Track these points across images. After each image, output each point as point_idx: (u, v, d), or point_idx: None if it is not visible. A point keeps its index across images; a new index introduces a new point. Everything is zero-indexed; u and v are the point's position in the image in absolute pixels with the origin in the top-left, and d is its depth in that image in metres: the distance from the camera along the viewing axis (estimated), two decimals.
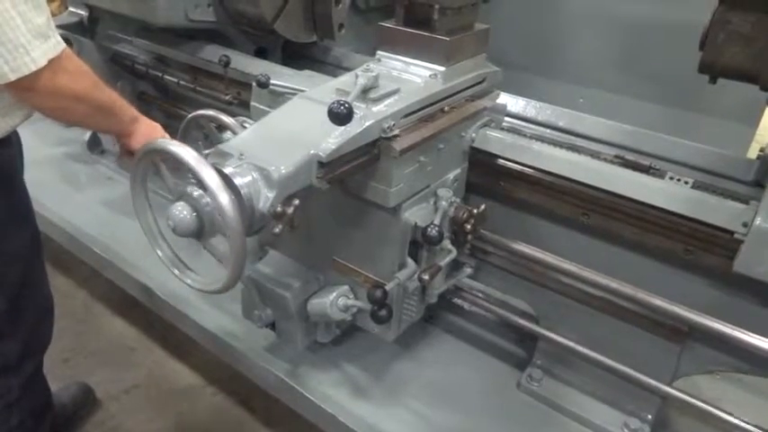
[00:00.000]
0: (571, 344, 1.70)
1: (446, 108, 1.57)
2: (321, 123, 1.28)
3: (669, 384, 1.60)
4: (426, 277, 1.50)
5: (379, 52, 1.66)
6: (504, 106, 1.81)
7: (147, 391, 2.40)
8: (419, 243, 1.55)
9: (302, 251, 1.74)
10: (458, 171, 1.66)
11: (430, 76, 1.56)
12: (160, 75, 2.38)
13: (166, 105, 2.59)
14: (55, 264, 2.86)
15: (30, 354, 1.82)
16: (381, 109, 1.40)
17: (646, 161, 1.60)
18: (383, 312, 1.49)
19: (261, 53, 2.39)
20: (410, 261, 1.56)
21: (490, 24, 1.71)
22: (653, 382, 1.59)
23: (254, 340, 1.90)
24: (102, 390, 2.36)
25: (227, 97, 2.12)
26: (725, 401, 1.68)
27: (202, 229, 1.21)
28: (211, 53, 2.20)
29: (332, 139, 1.28)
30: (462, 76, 1.63)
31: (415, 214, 1.51)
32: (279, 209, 1.22)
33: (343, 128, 1.28)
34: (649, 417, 1.68)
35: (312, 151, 1.26)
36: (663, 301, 1.48)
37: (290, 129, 1.37)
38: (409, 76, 1.57)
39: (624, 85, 2.84)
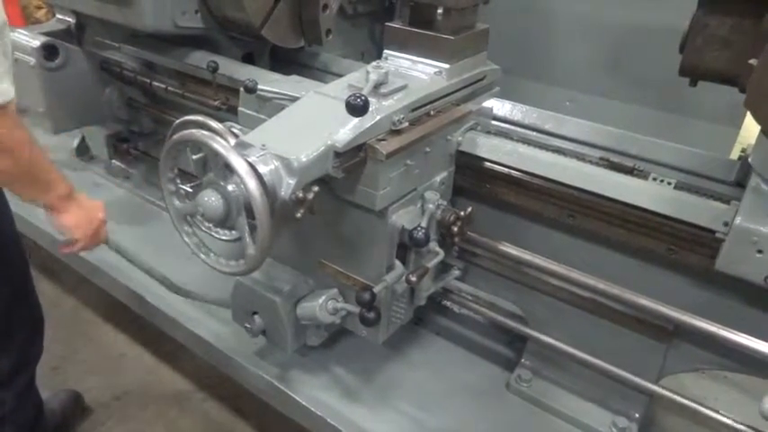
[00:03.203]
0: (559, 344, 1.72)
1: (432, 111, 1.59)
2: (336, 116, 1.37)
3: (656, 383, 1.62)
4: (414, 279, 1.51)
5: (386, 51, 1.73)
6: (491, 110, 1.84)
7: (138, 398, 2.39)
8: (407, 246, 1.56)
9: (291, 255, 1.75)
10: (445, 174, 1.68)
11: (435, 72, 1.64)
12: (148, 81, 2.38)
13: (155, 111, 2.59)
14: (43, 271, 2.85)
15: (22, 367, 1.83)
16: (391, 103, 1.48)
17: (630, 163, 1.62)
18: (371, 315, 1.50)
19: (249, 59, 2.39)
20: (398, 263, 1.58)
21: None
22: (640, 381, 1.61)
23: (243, 345, 1.90)
24: (91, 397, 2.35)
25: (216, 103, 2.13)
26: (710, 399, 1.71)
27: (228, 215, 1.30)
28: (199, 59, 2.20)
29: (347, 130, 1.36)
30: (465, 73, 1.70)
31: (403, 217, 1.53)
32: (300, 195, 1.28)
33: (357, 120, 1.36)
34: (637, 415, 1.70)
35: (329, 142, 1.33)
36: (648, 301, 1.50)
37: (307, 121, 1.44)
38: (416, 73, 1.65)
39: (611, 88, 2.87)
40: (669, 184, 1.54)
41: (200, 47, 2.28)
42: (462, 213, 1.59)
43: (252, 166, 1.24)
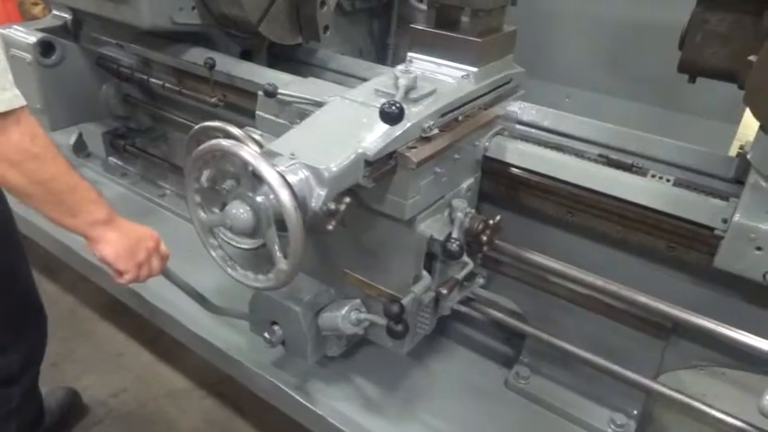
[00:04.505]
0: (558, 341, 1.71)
1: (460, 117, 1.55)
2: (364, 123, 1.34)
3: (654, 380, 1.62)
4: (445, 291, 1.48)
5: (410, 54, 1.67)
6: (516, 114, 1.80)
7: (135, 396, 2.39)
8: (433, 255, 1.52)
9: (312, 264, 1.69)
10: (471, 180, 1.64)
11: (463, 76, 1.58)
12: (145, 78, 2.37)
13: (152, 108, 2.59)
14: (42, 269, 2.84)
15: (30, 364, 1.85)
16: (421, 109, 1.43)
17: (628, 160, 1.62)
18: (400, 327, 1.45)
19: (246, 55, 2.38)
20: (425, 274, 1.53)
21: None
22: (638, 378, 1.61)
23: (260, 354, 1.85)
24: (89, 394, 2.35)
25: (213, 100, 2.12)
26: (708, 395, 1.70)
27: (258, 227, 1.25)
28: (197, 56, 2.19)
29: (377, 138, 1.31)
30: (492, 76, 1.66)
31: (431, 226, 1.49)
32: (332, 207, 1.25)
33: (387, 127, 1.31)
34: (635, 412, 1.70)
35: (360, 150, 1.28)
36: (647, 298, 1.50)
37: (334, 129, 1.39)
38: (442, 77, 1.60)
39: (609, 84, 2.87)
40: (668, 180, 1.54)
41: (197, 43, 2.27)
42: (491, 222, 1.53)
43: (282, 176, 1.19)
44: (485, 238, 1.53)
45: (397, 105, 1.25)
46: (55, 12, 2.69)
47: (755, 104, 1.16)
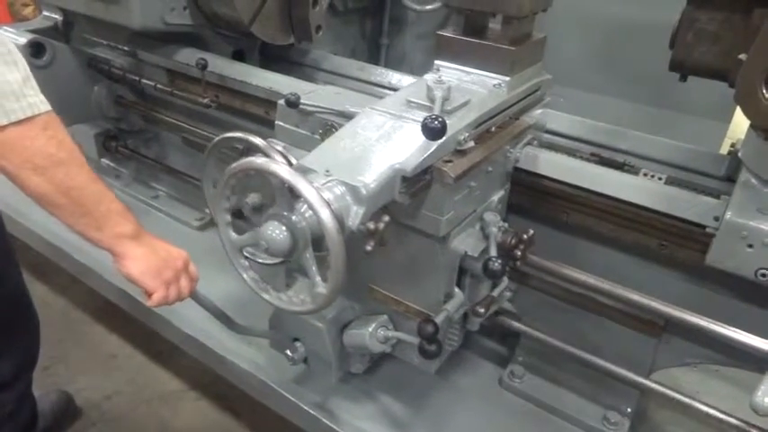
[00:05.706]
0: (552, 340, 1.72)
1: (493, 128, 1.51)
2: (398, 136, 1.30)
3: (647, 377, 1.62)
4: (482, 310, 1.44)
5: (437, 62, 1.61)
6: (544, 123, 1.76)
7: (129, 398, 2.38)
8: (464, 270, 1.48)
9: None
10: (502, 193, 1.60)
11: (494, 85, 1.53)
12: (137, 79, 2.36)
13: (144, 109, 2.57)
14: (34, 272, 2.83)
15: (23, 369, 1.84)
16: (455, 121, 1.36)
17: (620, 158, 1.63)
18: (433, 348, 1.40)
19: (238, 56, 2.38)
20: (457, 291, 1.49)
21: None
22: (631, 376, 1.61)
23: (280, 371, 1.79)
24: (82, 397, 2.33)
25: (205, 100, 2.11)
26: (702, 393, 1.71)
27: (295, 248, 1.18)
28: (188, 56, 2.18)
29: (414, 152, 1.26)
30: (523, 84, 1.61)
31: (464, 242, 1.44)
32: (371, 226, 1.21)
33: (423, 141, 1.25)
34: (628, 410, 1.70)
35: (397, 166, 1.24)
36: (639, 296, 1.50)
37: (367, 142, 1.32)
38: (473, 86, 1.53)
39: (602, 84, 2.88)
40: (660, 179, 1.54)
41: (188, 44, 2.26)
42: (525, 236, 1.47)
43: (320, 195, 1.13)
44: (518, 252, 1.47)
45: (440, 120, 1.19)
46: (45, 13, 2.67)
47: (746, 102, 1.17)
